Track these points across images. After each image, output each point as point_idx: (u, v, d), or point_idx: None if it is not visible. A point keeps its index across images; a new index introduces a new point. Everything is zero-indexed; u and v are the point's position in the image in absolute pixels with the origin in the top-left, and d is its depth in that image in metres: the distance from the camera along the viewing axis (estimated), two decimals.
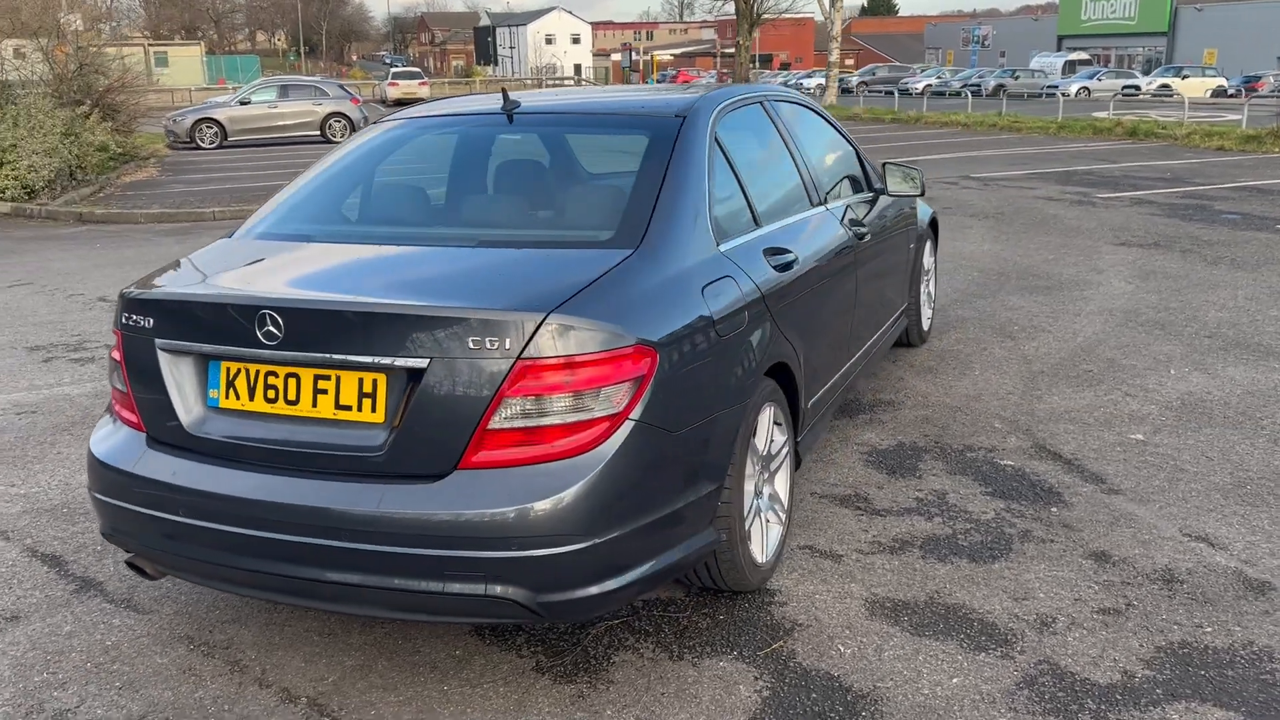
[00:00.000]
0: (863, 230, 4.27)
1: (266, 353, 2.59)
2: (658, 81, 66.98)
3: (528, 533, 2.42)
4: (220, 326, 2.65)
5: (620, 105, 3.57)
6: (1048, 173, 14.76)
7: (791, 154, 3.96)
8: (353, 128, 24.26)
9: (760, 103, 3.96)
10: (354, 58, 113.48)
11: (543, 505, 2.42)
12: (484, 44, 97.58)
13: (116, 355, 2.91)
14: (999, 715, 2.63)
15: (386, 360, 2.49)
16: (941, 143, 20.64)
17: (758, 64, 63.94)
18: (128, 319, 2.82)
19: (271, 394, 2.63)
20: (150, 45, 64.05)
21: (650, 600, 3.24)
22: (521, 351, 2.43)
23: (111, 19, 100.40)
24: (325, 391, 2.58)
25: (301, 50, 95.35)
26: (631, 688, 2.80)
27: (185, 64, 60.65)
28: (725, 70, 46.34)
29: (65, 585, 3.46)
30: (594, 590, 2.53)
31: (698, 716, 2.67)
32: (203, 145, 23.21)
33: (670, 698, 2.75)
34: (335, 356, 2.53)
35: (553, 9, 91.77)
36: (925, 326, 5.86)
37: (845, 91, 46.06)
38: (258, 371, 2.64)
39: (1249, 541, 3.48)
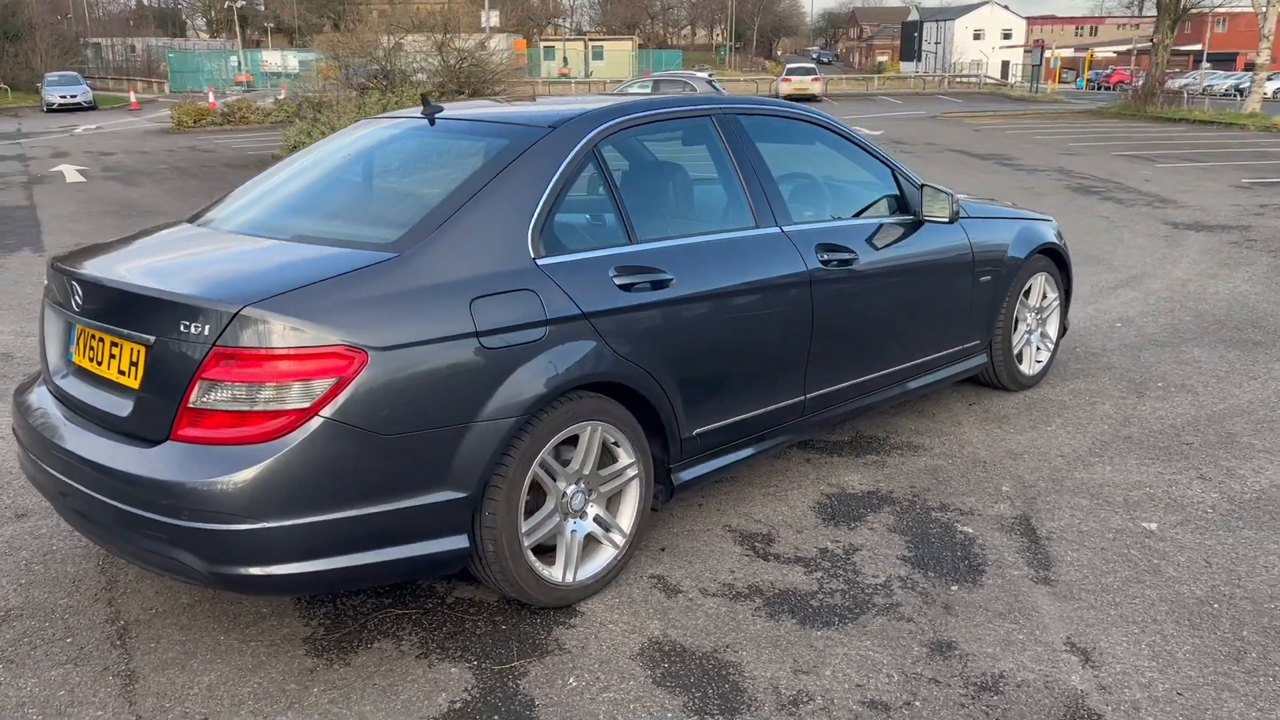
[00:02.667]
0: (846, 256, 3.97)
1: (83, 318, 3.04)
2: (1087, 81, 62.02)
3: (200, 506, 2.65)
4: (63, 292, 3.14)
5: (518, 115, 3.61)
6: None
7: (738, 172, 3.78)
8: None
9: (710, 117, 3.82)
10: (779, 52, 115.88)
11: (216, 483, 2.64)
12: (910, 39, 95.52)
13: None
14: None
15: (129, 333, 2.84)
16: None
17: (1205, 62, 57.09)
18: (45, 279, 3.40)
19: (91, 354, 3.07)
20: (590, 40, 69.81)
21: (464, 598, 3.33)
22: (216, 339, 2.66)
23: (572, 15, 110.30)
24: (115, 357, 2.97)
25: (730, 45, 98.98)
26: (357, 674, 2.95)
27: (617, 57, 65.35)
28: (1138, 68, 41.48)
29: None
30: (272, 570, 2.71)
31: (375, 714, 2.76)
32: None
33: (375, 691, 2.87)
34: (112, 327, 2.92)
35: (985, 3, 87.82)
36: (1030, 370, 5.23)
37: None
38: (89, 334, 3.08)
39: (1134, 666, 2.90)
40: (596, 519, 3.34)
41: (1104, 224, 10.66)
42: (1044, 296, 5.26)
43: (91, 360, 3.06)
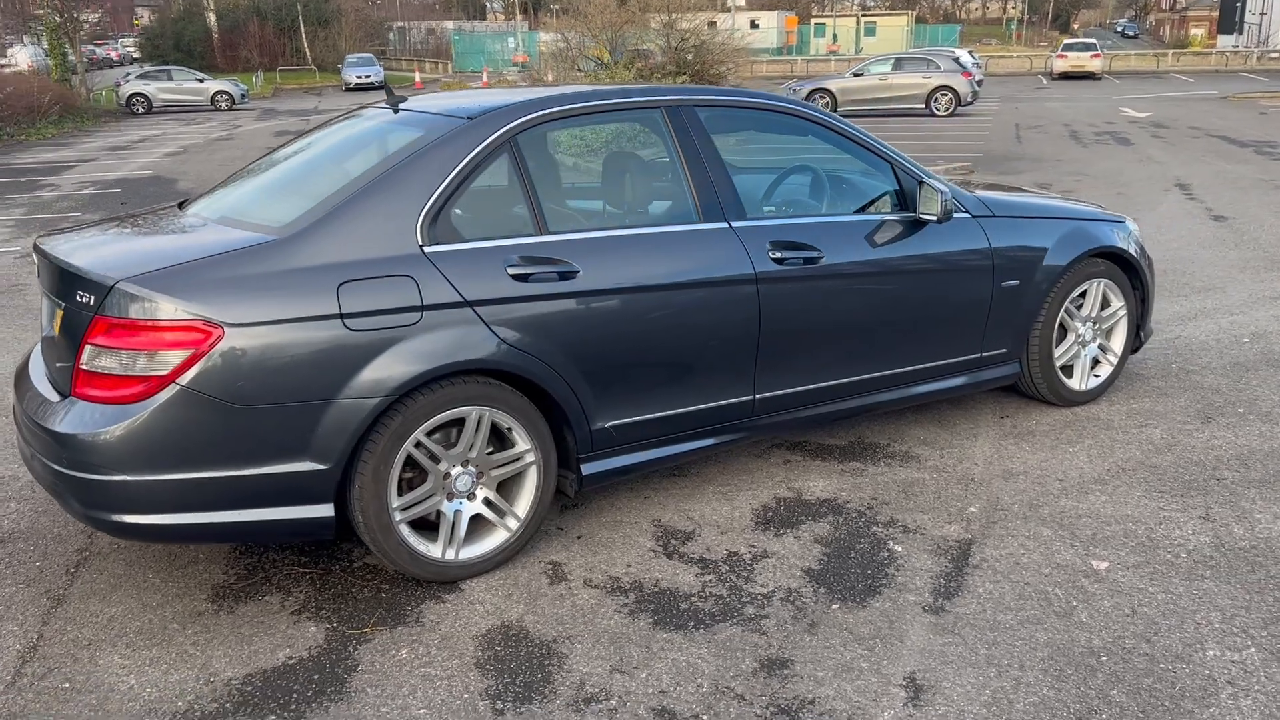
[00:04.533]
0: (810, 255, 3.84)
1: (42, 284, 3.47)
2: None
3: (78, 456, 3.00)
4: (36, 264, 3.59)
5: (453, 107, 3.69)
6: None
7: (684, 165, 3.73)
8: (958, 102, 23.98)
9: (660, 109, 3.78)
10: (1076, 26, 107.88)
11: (91, 437, 2.97)
12: (1229, 11, 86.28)
13: None
14: None
15: (55, 299, 3.23)
16: None
17: None
18: None
19: (52, 318, 3.49)
20: (862, 15, 68.15)
21: (371, 564, 3.54)
22: (98, 309, 2.98)
23: None
24: (57, 320, 3.37)
25: (1023, 19, 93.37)
26: (232, 623, 3.22)
27: (890, 33, 63.31)
28: None
29: None
30: (137, 519, 3.02)
31: (219, 659, 3.02)
32: None
33: (235, 640, 3.13)
34: (50, 294, 3.33)
35: None
36: (1081, 385, 4.79)
37: None
38: (50, 300, 3.51)
39: (960, 711, 2.69)
40: (487, 502, 3.44)
41: None
42: (1103, 306, 4.79)
43: (52, 323, 3.49)
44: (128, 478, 2.97)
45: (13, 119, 24.76)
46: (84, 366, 3.04)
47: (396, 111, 3.89)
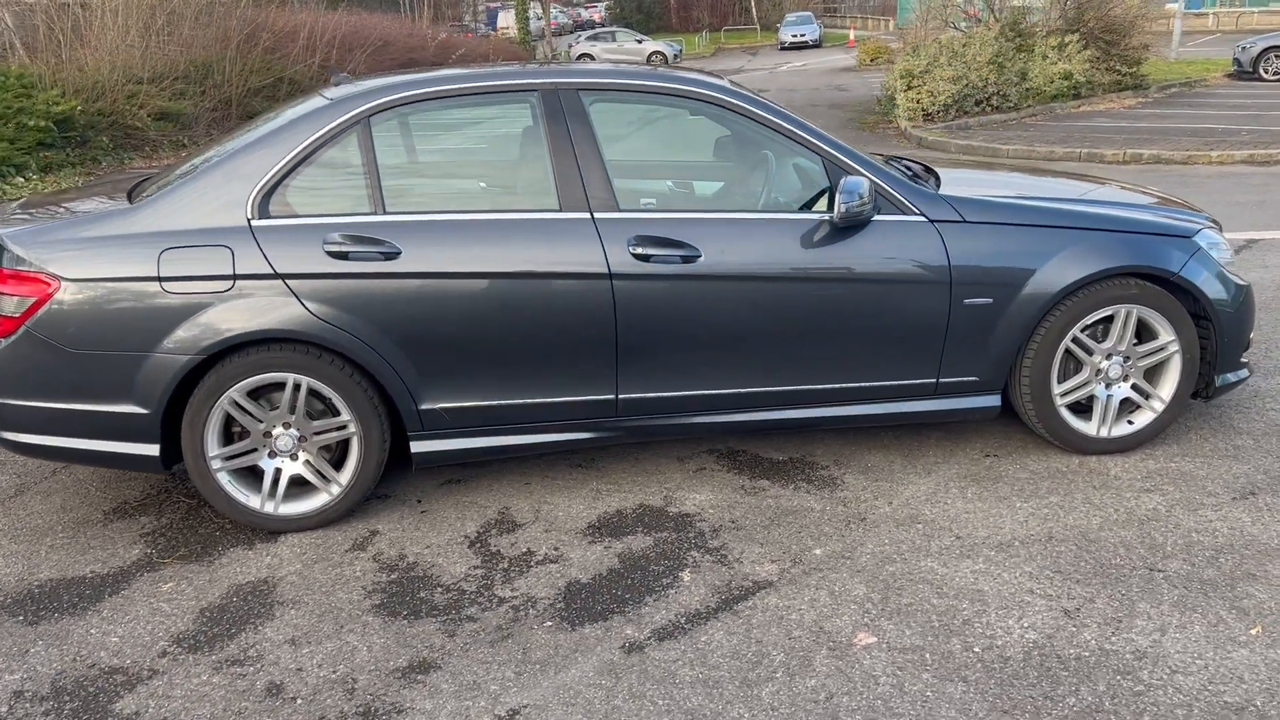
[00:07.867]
0: (686, 253, 3.58)
1: None
2: None
3: None
4: None
5: (338, 90, 3.84)
6: None
7: (550, 152, 3.62)
8: None
9: (536, 92, 3.68)
10: None
11: None
12: None
13: None
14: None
15: None
16: None
17: None
18: None
19: None
20: None
21: None
22: None
23: None
24: None
25: None
26: (98, 532, 3.78)
27: None
28: None
29: None
30: (8, 436, 3.63)
31: (53, 562, 3.59)
32: (1265, 77, 21.17)
33: (77, 547, 3.68)
34: None
35: None
36: (1104, 430, 3.91)
37: None
38: None
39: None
40: (309, 465, 3.66)
41: None
42: (1139, 338, 3.89)
43: None
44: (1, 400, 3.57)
45: None
46: None
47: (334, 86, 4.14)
